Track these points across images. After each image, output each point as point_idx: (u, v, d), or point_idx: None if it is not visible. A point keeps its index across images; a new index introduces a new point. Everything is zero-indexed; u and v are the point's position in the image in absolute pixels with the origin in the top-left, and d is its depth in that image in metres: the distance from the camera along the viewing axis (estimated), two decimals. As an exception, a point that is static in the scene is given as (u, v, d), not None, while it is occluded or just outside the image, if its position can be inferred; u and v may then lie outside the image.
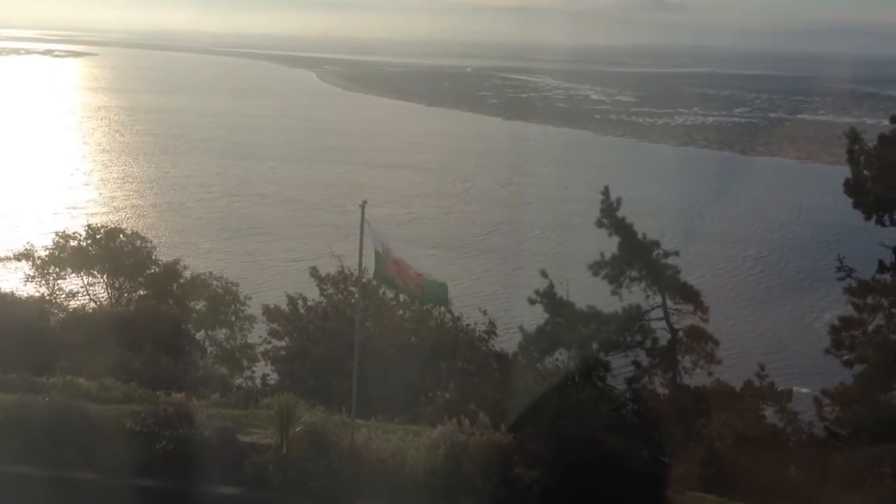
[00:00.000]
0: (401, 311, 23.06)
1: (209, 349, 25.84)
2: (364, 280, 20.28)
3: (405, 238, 58.76)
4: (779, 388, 21.56)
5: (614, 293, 22.80)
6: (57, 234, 28.63)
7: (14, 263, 27.79)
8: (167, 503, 11.92)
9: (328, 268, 24.48)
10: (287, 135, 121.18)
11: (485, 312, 23.55)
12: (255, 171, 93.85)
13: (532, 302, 22.55)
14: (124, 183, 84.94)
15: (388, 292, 23.01)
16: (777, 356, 42.30)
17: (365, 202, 13.12)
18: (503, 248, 64.43)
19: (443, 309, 22.70)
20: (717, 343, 22.22)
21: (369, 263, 13.88)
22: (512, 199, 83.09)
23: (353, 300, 22.58)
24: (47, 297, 25.84)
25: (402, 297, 22.63)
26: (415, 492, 12.22)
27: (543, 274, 22.58)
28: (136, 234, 29.00)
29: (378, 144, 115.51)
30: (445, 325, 22.79)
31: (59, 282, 27.70)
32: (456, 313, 22.94)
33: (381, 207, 71.64)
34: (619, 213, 22.90)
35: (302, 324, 23.05)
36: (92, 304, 27.21)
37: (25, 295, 23.87)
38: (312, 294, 24.03)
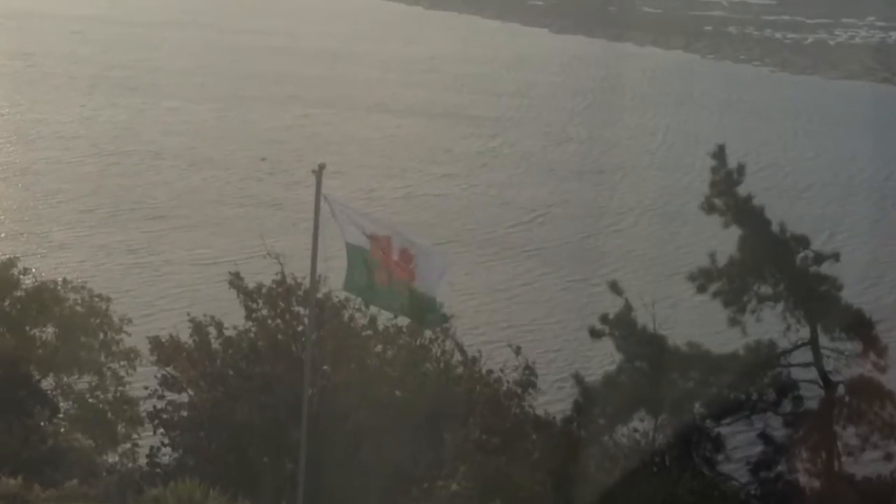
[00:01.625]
0: (379, 347, 23.19)
1: (63, 406, 25.73)
2: (320, 294, 21.35)
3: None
4: None
5: (733, 321, 23.60)
6: None
7: None
8: None
9: (262, 275, 24.49)
10: (200, 56, 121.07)
11: (518, 351, 23.74)
12: (147, 114, 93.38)
13: (597, 335, 23.32)
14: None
15: (360, 314, 23.29)
16: None
17: (323, 167, 13.81)
18: (552, 245, 63.74)
19: (448, 346, 23.07)
20: (903, 407, 22.41)
21: (332, 268, 14.98)
22: (569, 166, 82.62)
23: (300, 328, 22.71)
24: None
25: (382, 322, 22.98)
26: None
27: (615, 289, 23.26)
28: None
29: (350, 73, 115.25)
30: (452, 372, 23.00)
31: None
32: (471, 353, 23.03)
33: (353, 176, 71.30)
34: (742, 190, 23.59)
35: (216, 367, 23.07)
36: None
37: None
38: (234, 318, 23.89)
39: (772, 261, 23.47)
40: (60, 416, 25.22)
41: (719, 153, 23.67)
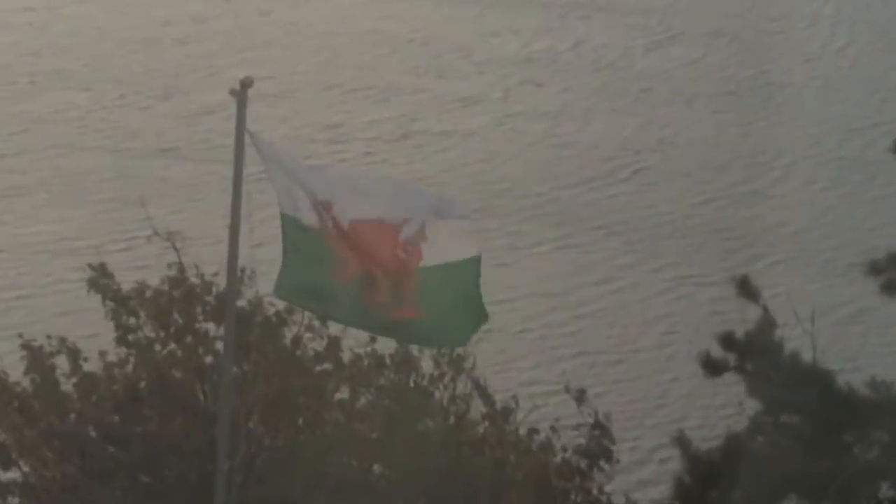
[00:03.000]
0: (345, 391, 20.40)
1: None
2: (243, 302, 19.74)
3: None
4: None
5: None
6: None
7: None
8: None
9: (146, 269, 23.55)
10: None
11: (581, 397, 20.70)
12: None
13: (715, 369, 17.95)
14: None
15: (313, 334, 20.69)
16: None
17: (249, 84, 12.08)
18: (651, 217, 53.94)
19: (463, 388, 20.41)
20: None
21: (265, 260, 15.36)
22: (676, 83, 71.85)
23: (209, 359, 20.49)
24: None
25: (348, 346, 20.52)
26: None
27: (746, 290, 18.37)
28: None
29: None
30: (470, 432, 20.48)
31: None
32: (502, 400, 20.18)
33: (302, 100, 61.36)
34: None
35: (69, 425, 20.70)
36: None
37: None
38: (101, 341, 20.75)
39: None
40: None
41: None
